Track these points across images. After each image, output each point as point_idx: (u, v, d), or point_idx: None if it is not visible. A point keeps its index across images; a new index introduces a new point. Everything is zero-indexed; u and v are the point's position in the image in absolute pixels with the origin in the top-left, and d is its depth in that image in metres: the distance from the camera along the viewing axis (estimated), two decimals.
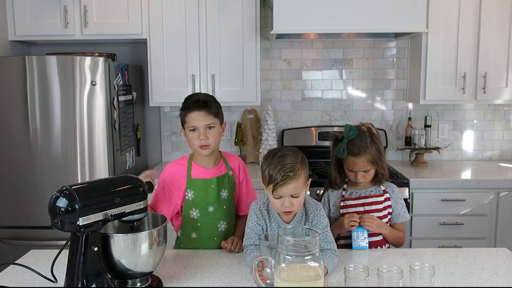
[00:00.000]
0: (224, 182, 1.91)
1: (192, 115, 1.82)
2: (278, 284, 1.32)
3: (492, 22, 3.09)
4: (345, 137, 1.86)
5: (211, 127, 1.83)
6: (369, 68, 3.52)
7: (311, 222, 1.65)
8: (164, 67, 3.17)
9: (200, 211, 1.89)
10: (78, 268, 1.34)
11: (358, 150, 1.83)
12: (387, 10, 2.89)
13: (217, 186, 1.89)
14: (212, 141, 1.83)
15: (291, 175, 1.53)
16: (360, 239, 1.77)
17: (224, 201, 1.91)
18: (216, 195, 1.88)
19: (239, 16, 3.12)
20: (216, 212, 1.90)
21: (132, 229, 1.48)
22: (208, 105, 1.83)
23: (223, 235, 1.92)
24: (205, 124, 1.82)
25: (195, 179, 1.87)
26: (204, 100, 1.84)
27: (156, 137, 3.62)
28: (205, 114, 1.82)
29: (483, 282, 1.53)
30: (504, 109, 3.54)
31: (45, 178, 2.82)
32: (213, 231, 1.91)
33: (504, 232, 2.96)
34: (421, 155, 3.37)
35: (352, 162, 1.85)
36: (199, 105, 1.82)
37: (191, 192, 1.87)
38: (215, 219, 1.90)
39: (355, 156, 1.84)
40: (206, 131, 1.82)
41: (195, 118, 1.82)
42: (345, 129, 1.87)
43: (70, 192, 1.32)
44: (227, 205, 1.93)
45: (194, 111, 1.82)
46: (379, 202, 1.90)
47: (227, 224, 1.94)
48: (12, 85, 2.77)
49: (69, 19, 3.08)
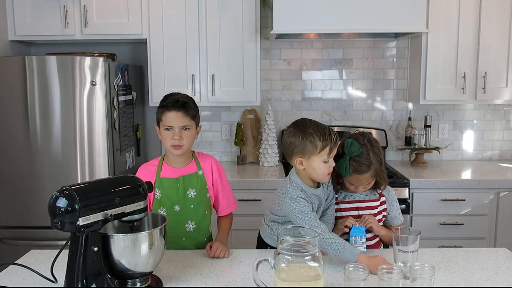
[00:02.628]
0: (192, 181, 1.89)
1: (169, 114, 1.83)
2: (278, 284, 1.32)
3: (492, 22, 3.09)
4: (347, 153, 1.78)
5: (186, 128, 1.84)
6: (369, 68, 3.52)
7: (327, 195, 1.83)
8: (164, 67, 3.17)
9: (167, 210, 1.88)
10: (78, 268, 1.34)
11: (363, 168, 1.77)
12: (387, 10, 2.89)
13: (183, 185, 1.88)
14: (185, 142, 1.83)
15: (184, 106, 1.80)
16: (358, 243, 1.76)
17: (191, 200, 1.89)
18: (182, 194, 1.88)
19: (239, 16, 3.12)
20: (182, 212, 1.89)
21: (132, 229, 1.48)
22: (187, 106, 1.83)
23: (192, 236, 1.91)
24: (181, 125, 1.82)
25: (163, 178, 1.88)
26: (183, 101, 1.83)
27: (156, 137, 3.61)
28: (182, 115, 1.82)
29: (483, 282, 1.53)
30: (504, 109, 3.54)
31: (45, 178, 2.82)
32: (181, 231, 1.90)
33: (504, 232, 2.96)
34: (421, 155, 3.37)
35: (356, 179, 1.80)
36: (178, 106, 1.82)
37: (159, 191, 1.88)
38: (181, 218, 1.89)
39: (359, 174, 1.78)
40: (181, 132, 1.83)
41: (172, 117, 1.82)
42: (346, 144, 1.78)
43: (70, 192, 1.31)
44: (195, 205, 1.90)
45: (172, 110, 1.82)
46: (374, 207, 1.89)
47: (196, 224, 1.91)
48: (12, 85, 2.77)
49: (69, 19, 3.08)
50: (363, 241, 1.76)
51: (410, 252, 1.55)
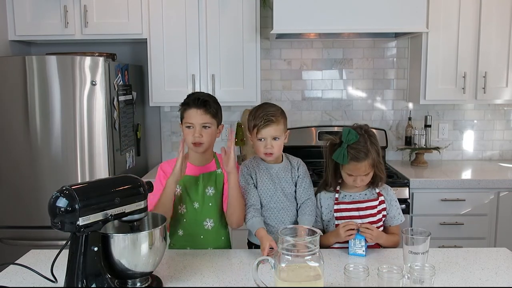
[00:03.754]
0: (211, 179, 1.92)
1: (190, 111, 1.86)
2: (278, 284, 1.32)
3: (492, 22, 3.09)
4: (345, 141, 1.80)
5: (206, 126, 1.86)
6: (369, 68, 3.52)
7: (297, 169, 1.93)
8: (164, 67, 3.17)
9: (187, 207, 1.91)
10: (78, 268, 1.34)
11: (360, 155, 1.79)
12: (387, 10, 2.89)
13: (202, 183, 1.90)
14: (205, 140, 1.85)
15: (273, 119, 1.83)
16: (357, 246, 1.75)
17: (209, 198, 1.91)
18: (201, 191, 1.90)
19: (239, 16, 3.12)
20: (201, 209, 1.90)
21: (132, 229, 1.48)
22: (207, 104, 1.85)
23: (209, 234, 1.92)
24: (201, 123, 1.84)
25: (185, 175, 1.89)
26: (204, 99, 1.86)
27: (156, 137, 3.62)
28: (202, 113, 1.84)
29: (483, 282, 1.53)
30: (504, 109, 3.54)
31: (45, 178, 2.82)
32: (199, 229, 1.91)
33: (504, 232, 2.96)
34: (421, 155, 3.37)
35: (354, 167, 1.81)
36: (198, 103, 1.85)
37: (179, 187, 1.90)
38: (200, 216, 1.91)
39: (357, 161, 1.79)
40: (202, 130, 1.85)
41: (192, 115, 1.85)
42: (343, 133, 1.82)
43: (70, 192, 1.31)
44: (213, 203, 1.92)
45: (192, 108, 1.85)
46: (373, 207, 1.88)
47: (214, 222, 1.93)
48: (12, 85, 2.77)
49: (69, 19, 3.08)
50: (362, 244, 1.75)
51: (420, 253, 1.53)
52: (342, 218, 1.88)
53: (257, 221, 1.83)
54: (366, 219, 1.86)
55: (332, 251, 1.80)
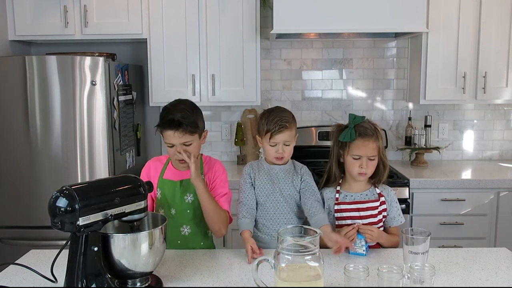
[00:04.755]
0: (191, 186, 1.85)
1: (167, 133, 1.81)
2: (278, 284, 1.32)
3: (492, 22, 3.09)
4: (351, 122, 1.87)
5: (187, 144, 1.82)
6: (369, 68, 3.52)
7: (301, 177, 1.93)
8: (164, 67, 3.17)
9: (165, 212, 1.89)
10: (78, 268, 1.34)
11: (368, 131, 1.83)
12: (387, 10, 2.89)
13: (180, 189, 1.88)
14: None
15: (287, 125, 1.85)
16: (358, 246, 1.75)
17: (187, 205, 1.89)
18: (179, 198, 1.88)
19: (239, 16, 3.12)
20: (178, 216, 1.89)
21: (132, 229, 1.48)
22: (183, 125, 1.78)
23: (187, 239, 1.91)
24: (181, 142, 1.80)
25: (165, 179, 1.89)
26: (179, 122, 1.78)
27: (156, 137, 3.61)
28: (180, 135, 1.79)
29: (483, 282, 1.53)
30: (504, 109, 3.54)
31: (45, 178, 2.82)
32: (175, 234, 1.90)
33: (504, 232, 2.96)
34: (421, 155, 3.37)
35: (361, 144, 1.82)
36: (174, 125, 1.78)
37: (159, 191, 1.89)
38: (177, 222, 1.89)
39: (364, 138, 1.82)
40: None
41: (170, 136, 1.81)
42: (349, 117, 1.89)
43: (70, 192, 1.31)
44: (192, 210, 1.89)
45: (168, 130, 1.80)
46: (374, 208, 1.88)
47: (191, 228, 1.91)
48: (12, 85, 2.77)
49: (69, 19, 3.08)
50: (363, 244, 1.75)
51: (420, 253, 1.53)
52: (342, 218, 1.88)
53: (245, 223, 1.83)
54: (366, 219, 1.86)
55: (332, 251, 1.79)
